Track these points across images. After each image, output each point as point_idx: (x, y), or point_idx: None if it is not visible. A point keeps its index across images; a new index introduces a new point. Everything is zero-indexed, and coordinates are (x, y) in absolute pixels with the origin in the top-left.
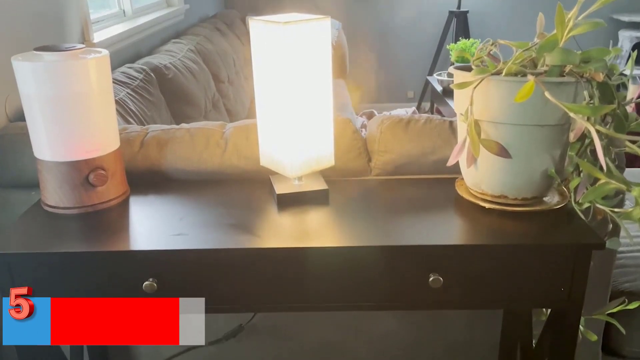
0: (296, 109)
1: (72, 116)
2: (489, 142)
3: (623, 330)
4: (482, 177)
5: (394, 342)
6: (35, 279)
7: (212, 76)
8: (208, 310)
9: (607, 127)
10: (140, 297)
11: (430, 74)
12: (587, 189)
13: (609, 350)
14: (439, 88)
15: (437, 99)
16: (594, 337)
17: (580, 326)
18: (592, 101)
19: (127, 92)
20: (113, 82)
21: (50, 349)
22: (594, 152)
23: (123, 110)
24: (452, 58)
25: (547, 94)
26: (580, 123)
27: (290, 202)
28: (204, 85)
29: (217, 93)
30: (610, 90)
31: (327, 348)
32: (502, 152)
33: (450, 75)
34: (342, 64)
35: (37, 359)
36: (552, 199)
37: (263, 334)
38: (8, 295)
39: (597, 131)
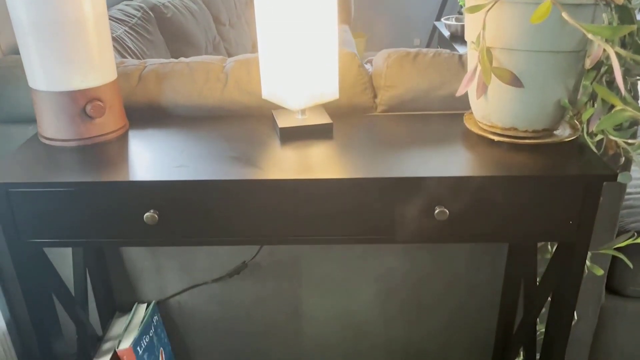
0: (300, 40)
1: (66, 43)
2: (501, 70)
3: (631, 265)
4: (492, 108)
5: (396, 279)
6: (35, 210)
7: (213, 18)
8: (209, 242)
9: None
10: (142, 228)
11: (438, 19)
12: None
13: (612, 290)
14: (446, 33)
15: (444, 46)
16: (600, 272)
17: (587, 261)
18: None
19: (125, 30)
20: (110, 20)
21: (55, 284)
22: (609, 82)
23: (121, 48)
24: (460, 1)
25: (564, 14)
26: (598, 48)
27: (293, 136)
28: (204, 27)
29: (217, 35)
30: (629, 14)
31: (330, 286)
32: (515, 81)
33: (458, 19)
34: (347, 8)
35: (44, 299)
36: (564, 132)
37: (266, 271)
38: (9, 226)
39: (616, 54)
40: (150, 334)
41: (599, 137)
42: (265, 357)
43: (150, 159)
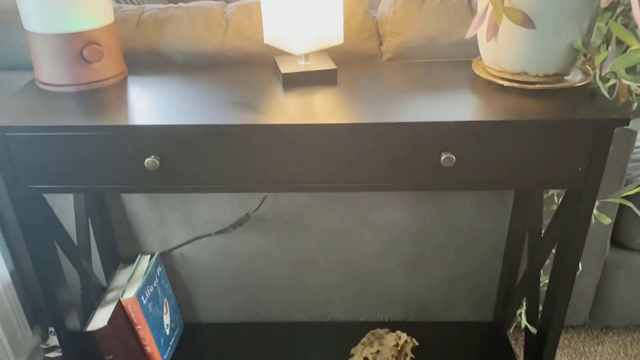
0: None
1: None
2: (512, 10)
3: (639, 213)
4: (502, 52)
5: (399, 231)
6: (33, 156)
7: None
8: (211, 189)
9: None
10: (143, 174)
11: None
12: None
13: (617, 244)
14: None
15: None
16: (607, 220)
17: (594, 210)
18: None
19: None
20: None
21: (57, 232)
22: (624, 25)
23: None
24: None
25: None
26: None
27: (296, 82)
28: None
29: None
30: None
31: (333, 237)
32: (527, 22)
33: None
34: None
35: (47, 248)
36: (575, 77)
37: (269, 223)
38: (8, 171)
39: None
40: (154, 285)
41: (612, 82)
42: (268, 308)
43: (150, 104)
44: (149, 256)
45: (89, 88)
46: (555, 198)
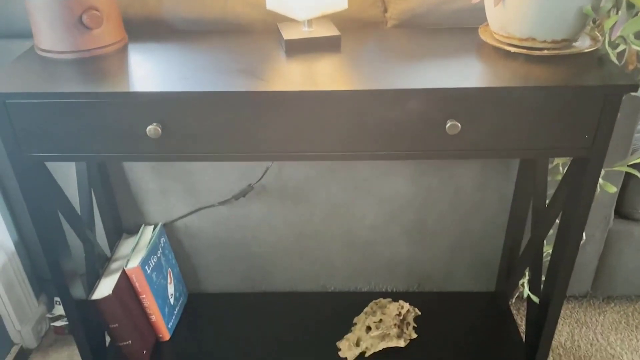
0: None
1: None
2: None
3: None
4: (509, 17)
5: (403, 201)
6: (34, 123)
7: None
8: (214, 158)
9: None
10: (145, 142)
11: None
12: None
13: (621, 214)
14: None
15: None
16: (612, 189)
17: (600, 179)
18: None
19: None
20: None
21: (60, 202)
22: None
23: None
24: None
25: None
26: None
27: (299, 48)
28: None
29: None
30: None
31: (336, 208)
32: None
33: None
34: None
35: (50, 217)
36: (583, 43)
37: (272, 194)
38: (9, 138)
39: None
40: (158, 255)
41: (621, 47)
42: (271, 278)
43: (151, 71)
44: (152, 227)
45: (89, 55)
46: (561, 168)
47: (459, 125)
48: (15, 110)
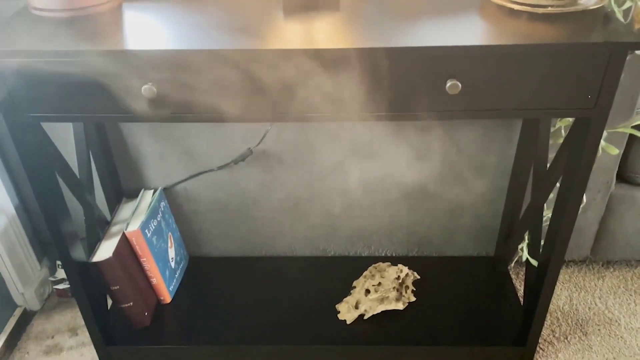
0: None
1: None
2: None
3: None
4: None
5: (402, 167)
6: (29, 83)
7: None
8: (212, 119)
9: None
10: (140, 102)
11: None
12: None
13: (622, 179)
14: None
15: None
16: (614, 151)
17: (602, 140)
18: None
19: None
20: None
21: (58, 164)
22: None
23: None
24: None
25: None
26: None
27: (297, 6)
28: None
29: None
30: None
31: (335, 172)
32: None
33: None
34: None
35: (49, 180)
36: (589, 0)
37: (272, 158)
38: (4, 99)
39: None
40: (158, 219)
41: (627, 5)
42: (271, 242)
43: (147, 30)
44: (152, 191)
45: (83, 14)
46: (562, 131)
47: (460, 84)
48: (10, 70)
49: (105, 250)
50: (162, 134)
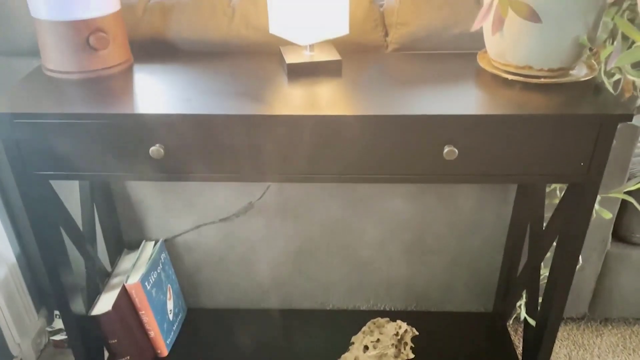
0: None
1: None
2: (518, 4)
3: None
4: (507, 45)
5: (401, 222)
6: (40, 143)
7: None
8: (215, 178)
9: None
10: (148, 163)
11: None
12: None
13: (618, 237)
14: None
15: None
16: (608, 215)
17: (596, 204)
18: None
19: None
20: None
21: (63, 218)
22: (631, 20)
23: None
24: None
25: None
26: None
27: (301, 72)
28: None
29: None
30: None
31: (335, 226)
32: (532, 15)
33: None
34: None
35: (53, 233)
36: (580, 72)
37: (272, 212)
38: (15, 157)
39: None
40: (158, 271)
41: (616, 77)
42: (270, 294)
43: (155, 92)
44: (153, 242)
45: (95, 75)
46: (558, 192)
47: (456, 151)
48: (22, 130)
49: (104, 303)
50: (165, 187)
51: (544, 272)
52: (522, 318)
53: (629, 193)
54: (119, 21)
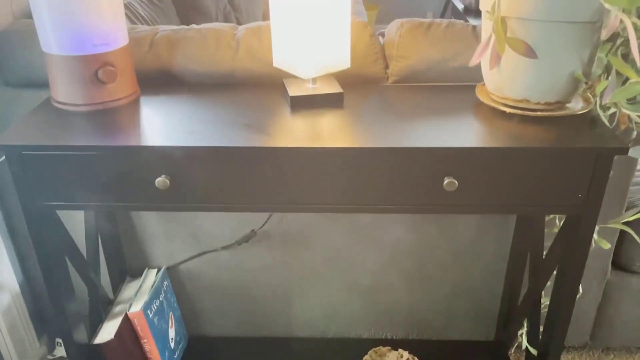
0: (312, 8)
1: (78, 7)
2: (515, 40)
3: (639, 239)
4: (504, 80)
5: (403, 250)
6: (48, 173)
7: None
8: (220, 209)
9: None
10: (153, 193)
11: None
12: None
13: (618, 266)
14: (460, 6)
15: (458, 19)
16: (606, 245)
17: (594, 234)
18: None
19: None
20: None
21: (68, 247)
22: (625, 55)
23: (132, 15)
24: None
25: None
26: (614, 19)
27: (304, 104)
28: None
29: (228, 5)
30: None
31: (337, 254)
32: (529, 51)
33: None
34: None
35: (57, 261)
36: (576, 105)
37: (274, 239)
38: (23, 188)
39: (633, 25)
40: (160, 299)
41: (612, 110)
42: (272, 323)
43: (161, 124)
44: (155, 270)
45: (102, 108)
46: (557, 221)
47: (456, 182)
48: (30, 161)
49: (107, 332)
50: (168, 215)
51: (545, 301)
52: (523, 347)
53: (627, 223)
54: (127, 55)
